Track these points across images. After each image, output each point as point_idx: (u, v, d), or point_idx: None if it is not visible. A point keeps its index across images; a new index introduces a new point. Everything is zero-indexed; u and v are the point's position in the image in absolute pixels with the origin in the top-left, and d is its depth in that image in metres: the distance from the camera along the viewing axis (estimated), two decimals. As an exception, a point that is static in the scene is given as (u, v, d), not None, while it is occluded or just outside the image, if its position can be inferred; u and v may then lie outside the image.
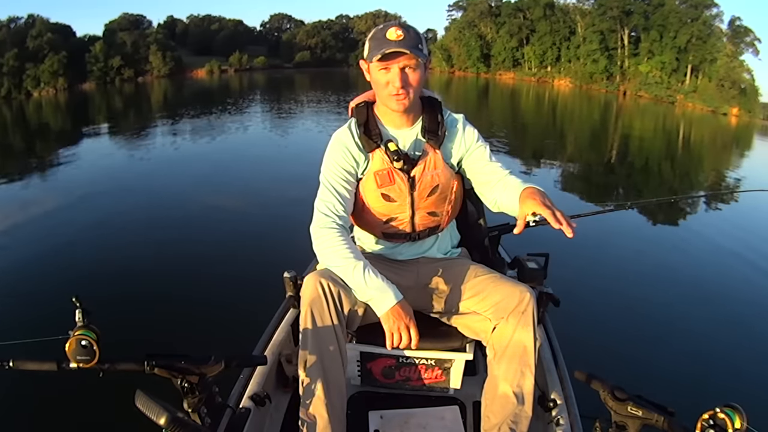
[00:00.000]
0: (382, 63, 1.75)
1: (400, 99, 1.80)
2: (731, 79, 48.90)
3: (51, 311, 2.52)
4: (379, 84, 1.81)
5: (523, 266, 2.64)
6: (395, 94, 1.79)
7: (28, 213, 8.23)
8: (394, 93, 1.79)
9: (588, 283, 5.57)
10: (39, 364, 1.29)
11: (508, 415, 1.79)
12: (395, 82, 1.76)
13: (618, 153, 18.09)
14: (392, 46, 1.70)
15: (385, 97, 1.83)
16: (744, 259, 7.00)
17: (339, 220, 1.86)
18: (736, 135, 33.24)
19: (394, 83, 1.77)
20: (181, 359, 1.35)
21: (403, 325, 1.71)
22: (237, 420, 1.79)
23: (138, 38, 60.14)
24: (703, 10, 51.61)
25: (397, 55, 1.72)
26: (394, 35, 1.72)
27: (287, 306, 2.50)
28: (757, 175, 15.56)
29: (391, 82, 1.78)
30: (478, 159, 1.98)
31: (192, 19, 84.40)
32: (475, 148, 1.99)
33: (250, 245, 6.34)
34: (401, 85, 1.77)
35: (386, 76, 1.78)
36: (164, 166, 12.18)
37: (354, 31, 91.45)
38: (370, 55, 1.77)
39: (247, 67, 72.62)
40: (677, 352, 4.32)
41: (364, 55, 1.85)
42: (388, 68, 1.76)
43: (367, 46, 1.80)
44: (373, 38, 1.78)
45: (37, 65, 46.97)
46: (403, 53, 1.71)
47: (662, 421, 1.30)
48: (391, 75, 1.77)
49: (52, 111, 32.30)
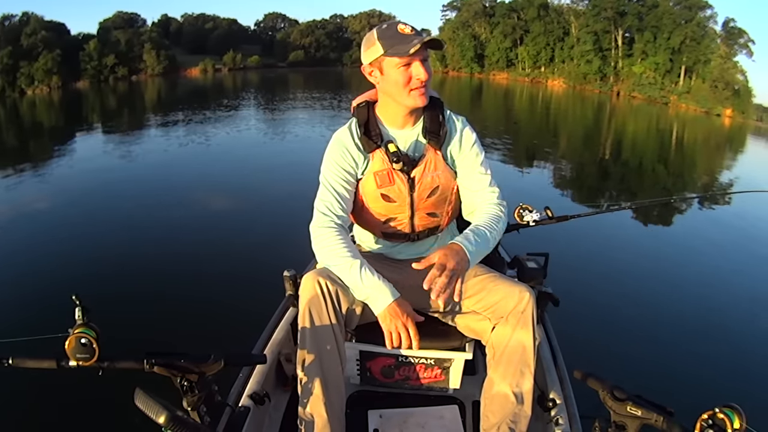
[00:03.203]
0: (407, 58, 1.71)
1: (423, 92, 1.79)
2: (725, 81, 49.19)
3: (50, 309, 2.52)
4: (399, 82, 1.77)
5: (523, 266, 2.65)
6: (418, 87, 1.77)
7: (27, 211, 8.22)
8: (418, 86, 1.77)
9: (588, 283, 5.58)
10: (38, 362, 1.29)
11: (508, 414, 1.79)
12: (421, 75, 1.74)
13: (611, 153, 18.18)
14: (420, 39, 1.68)
15: (407, 95, 1.79)
16: (744, 260, 7.05)
17: (338, 219, 1.86)
18: (729, 136, 33.48)
19: (420, 77, 1.74)
20: (181, 358, 1.35)
21: (401, 324, 1.69)
22: (236, 419, 1.79)
23: (132, 37, 59.86)
24: (697, 11, 51.85)
25: (422, 48, 1.70)
26: (407, 30, 1.71)
27: (287, 305, 2.49)
28: (751, 175, 15.64)
29: (415, 77, 1.75)
30: (469, 165, 1.97)
31: (186, 17, 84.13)
32: (469, 153, 1.97)
33: (249, 244, 6.36)
34: (427, 77, 1.76)
35: (408, 72, 1.75)
36: (162, 164, 12.16)
37: (348, 31, 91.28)
38: (397, 51, 1.71)
39: (241, 66, 72.34)
40: (677, 352, 4.34)
41: (365, 59, 1.82)
42: (410, 64, 1.74)
43: (380, 46, 1.74)
44: (386, 37, 1.74)
45: (31, 63, 46.70)
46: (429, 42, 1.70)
47: (661, 420, 1.29)
48: (414, 70, 1.74)
49: (46, 109, 32.15)
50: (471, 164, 1.97)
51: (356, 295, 1.78)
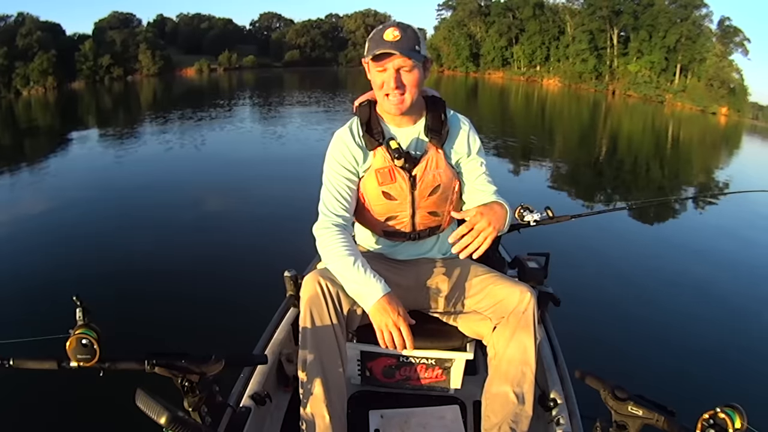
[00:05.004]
0: (377, 63, 1.76)
1: (393, 101, 1.81)
2: (720, 79, 49.37)
3: (51, 310, 2.52)
4: (375, 84, 1.83)
5: (524, 266, 2.65)
6: (388, 94, 1.80)
7: (26, 212, 8.19)
8: (386, 93, 1.80)
9: (588, 283, 5.58)
10: (39, 363, 1.29)
11: (509, 414, 1.79)
12: (389, 82, 1.77)
13: (607, 152, 18.20)
14: (385, 47, 1.71)
15: (381, 97, 1.85)
16: (744, 259, 7.07)
17: (339, 219, 1.86)
18: (725, 134, 33.60)
19: (389, 83, 1.77)
20: (182, 358, 1.35)
21: (391, 322, 1.66)
22: (237, 419, 1.79)
23: (127, 37, 59.76)
24: (692, 10, 51.93)
25: (390, 56, 1.73)
26: (390, 36, 1.72)
27: (288, 305, 2.49)
28: (748, 173, 15.68)
29: (385, 83, 1.78)
30: (472, 170, 1.98)
31: (182, 17, 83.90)
32: (473, 157, 1.98)
33: (250, 244, 6.35)
34: (395, 85, 1.77)
35: (381, 77, 1.78)
36: (162, 164, 12.12)
37: (343, 30, 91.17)
38: (367, 55, 1.78)
39: (237, 66, 72.26)
40: (678, 352, 4.34)
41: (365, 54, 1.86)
42: (384, 69, 1.77)
43: (366, 46, 1.80)
44: (372, 38, 1.79)
45: (27, 64, 46.64)
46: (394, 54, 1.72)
47: (662, 420, 1.29)
48: (386, 75, 1.77)
49: (41, 110, 32.03)
50: (473, 164, 1.98)
51: (348, 291, 1.77)
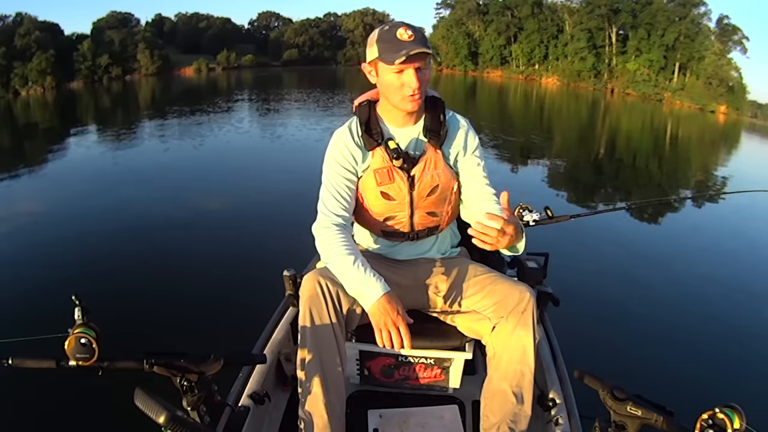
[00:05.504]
0: (404, 65, 1.71)
1: (415, 99, 1.79)
2: (719, 77, 49.41)
3: (50, 309, 2.51)
4: (392, 86, 1.78)
5: (523, 266, 2.66)
6: (411, 95, 1.77)
7: (25, 211, 8.18)
8: (410, 94, 1.77)
9: (588, 283, 5.59)
10: (38, 362, 1.29)
11: (508, 414, 1.79)
12: (412, 83, 1.74)
13: (606, 150, 18.22)
14: (412, 47, 1.67)
15: (399, 99, 1.80)
16: (743, 259, 7.08)
17: (339, 218, 1.86)
18: (724, 133, 33.65)
19: (411, 85, 1.74)
20: (181, 357, 1.35)
21: (390, 321, 1.67)
22: (236, 418, 1.79)
23: (126, 36, 59.58)
24: (691, 8, 52.02)
25: (414, 57, 1.69)
26: (405, 35, 1.69)
27: (287, 304, 2.48)
28: (747, 172, 15.68)
29: (407, 84, 1.74)
30: (470, 171, 1.97)
31: (180, 17, 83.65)
32: (471, 158, 1.98)
33: (249, 243, 6.37)
34: (418, 85, 1.74)
35: (401, 78, 1.74)
36: (160, 164, 12.12)
37: (342, 29, 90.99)
38: (387, 57, 1.71)
39: (235, 66, 72.06)
40: (677, 352, 4.35)
41: (366, 57, 1.82)
42: (403, 70, 1.73)
43: (376, 48, 1.75)
44: (382, 40, 1.74)
45: (25, 64, 46.45)
46: (421, 53, 1.69)
47: (661, 420, 1.29)
48: (406, 77, 1.73)
49: (40, 110, 31.97)
50: (472, 165, 1.97)
51: (348, 291, 1.77)
